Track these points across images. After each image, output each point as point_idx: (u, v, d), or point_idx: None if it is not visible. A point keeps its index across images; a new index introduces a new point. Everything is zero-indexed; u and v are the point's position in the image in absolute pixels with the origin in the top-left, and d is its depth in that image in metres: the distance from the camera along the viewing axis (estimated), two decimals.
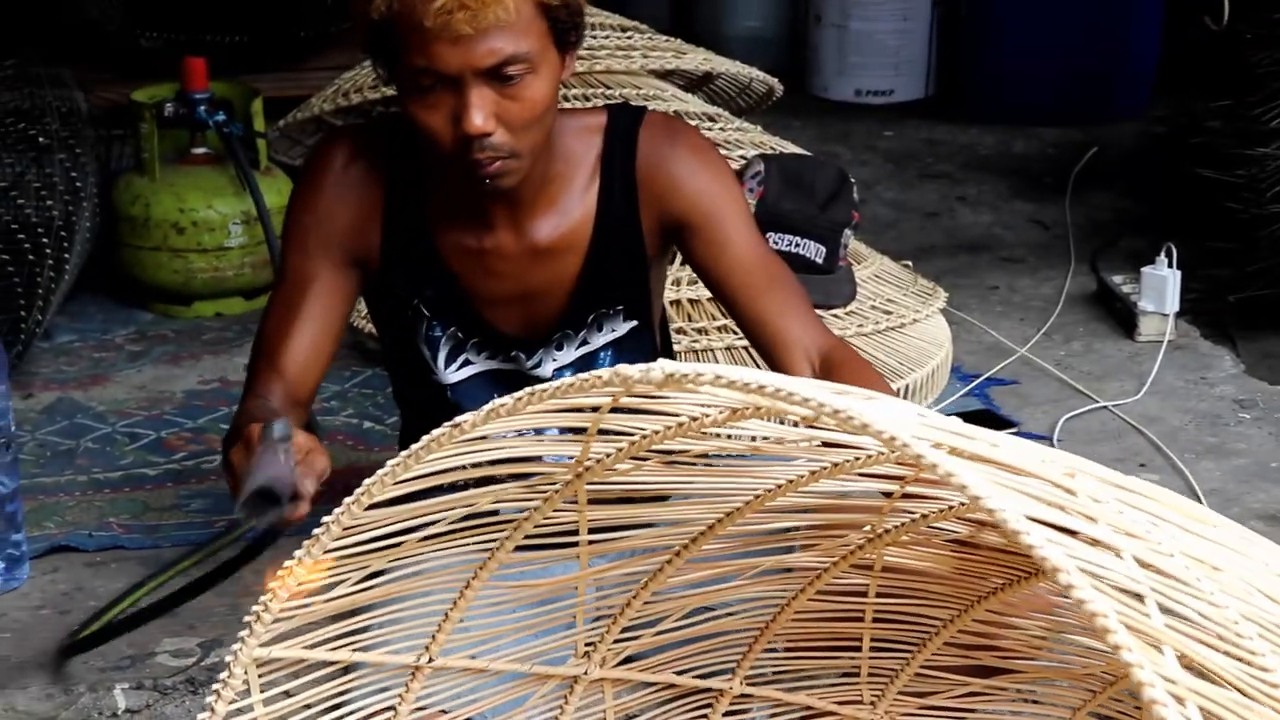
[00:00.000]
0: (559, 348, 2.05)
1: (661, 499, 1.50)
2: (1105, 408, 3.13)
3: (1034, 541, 0.94)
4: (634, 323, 2.07)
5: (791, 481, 1.40)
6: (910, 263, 3.50)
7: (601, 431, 1.31)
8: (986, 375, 3.26)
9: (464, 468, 1.32)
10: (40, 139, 3.32)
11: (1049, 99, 4.83)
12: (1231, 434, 3.05)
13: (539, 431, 1.38)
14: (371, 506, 1.31)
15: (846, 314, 3.06)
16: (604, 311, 2.05)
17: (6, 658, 2.32)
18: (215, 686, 1.39)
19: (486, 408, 1.22)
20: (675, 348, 2.39)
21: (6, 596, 2.46)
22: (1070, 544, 0.97)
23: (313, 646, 1.42)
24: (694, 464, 1.40)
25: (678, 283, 2.99)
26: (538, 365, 2.06)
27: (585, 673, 1.58)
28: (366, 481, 1.30)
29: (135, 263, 3.51)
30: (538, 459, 1.38)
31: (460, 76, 1.80)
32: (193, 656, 2.31)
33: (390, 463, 1.27)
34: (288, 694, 1.46)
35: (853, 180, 3.13)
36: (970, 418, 3.02)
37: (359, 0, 1.84)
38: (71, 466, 2.88)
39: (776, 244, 2.95)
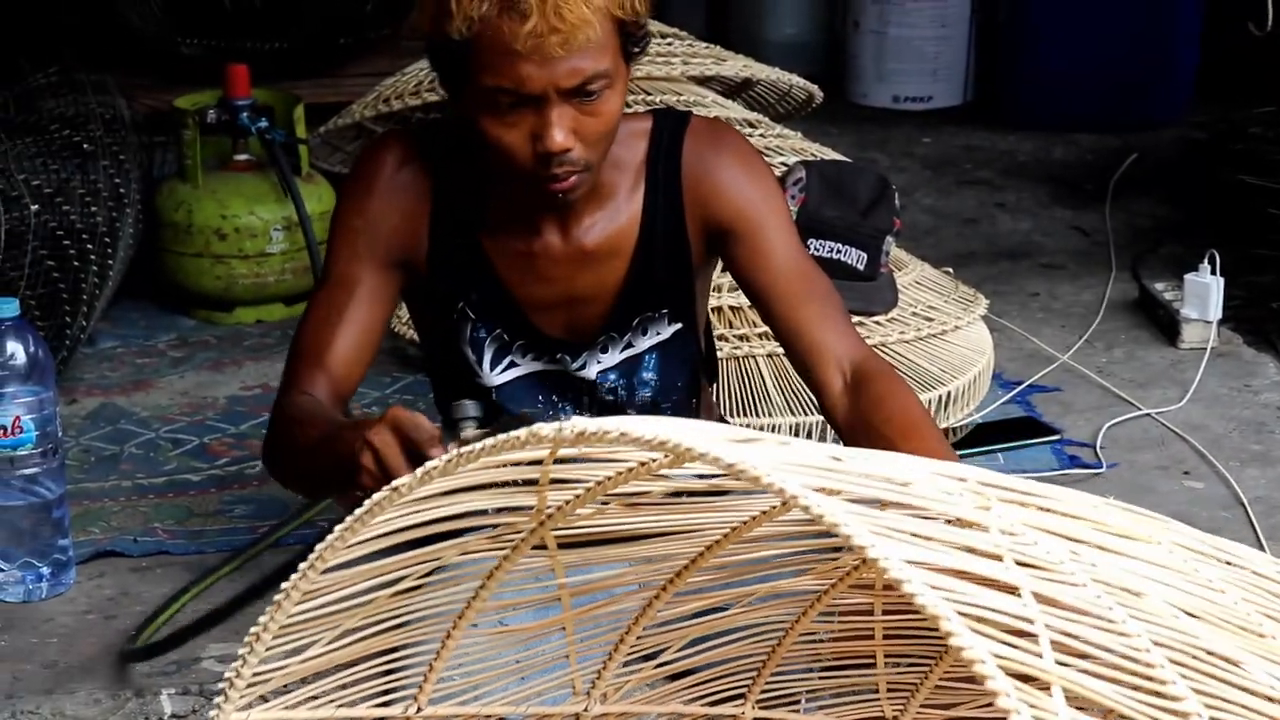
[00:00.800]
0: (604, 350, 2.06)
1: (636, 539, 1.48)
2: (1148, 415, 3.12)
3: (914, 590, 0.93)
4: (678, 325, 2.07)
5: (766, 512, 1.38)
6: (950, 270, 3.49)
7: (559, 480, 1.30)
8: (1028, 382, 3.25)
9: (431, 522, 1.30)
10: (85, 145, 3.34)
11: (1088, 105, 4.81)
12: (1276, 441, 3.03)
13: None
14: (330, 569, 1.30)
15: (888, 321, 3.05)
16: (649, 315, 2.05)
17: (55, 663, 2.33)
18: None
19: (420, 470, 1.21)
20: (718, 355, 2.39)
21: (53, 601, 2.48)
22: (955, 587, 0.96)
23: (294, 707, 1.40)
24: (661, 504, 1.38)
25: (719, 289, 2.99)
26: (582, 368, 2.06)
27: (586, 709, 1.56)
28: (319, 547, 1.28)
29: (178, 269, 3.53)
30: (483, 512, 1.35)
31: (544, 96, 1.81)
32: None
33: (338, 528, 1.26)
34: None
35: (894, 186, 3.13)
36: (1012, 425, 3.03)
37: (434, 19, 1.83)
38: (116, 472, 2.89)
39: (818, 251, 2.94)
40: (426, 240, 2.00)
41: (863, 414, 1.94)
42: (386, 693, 1.46)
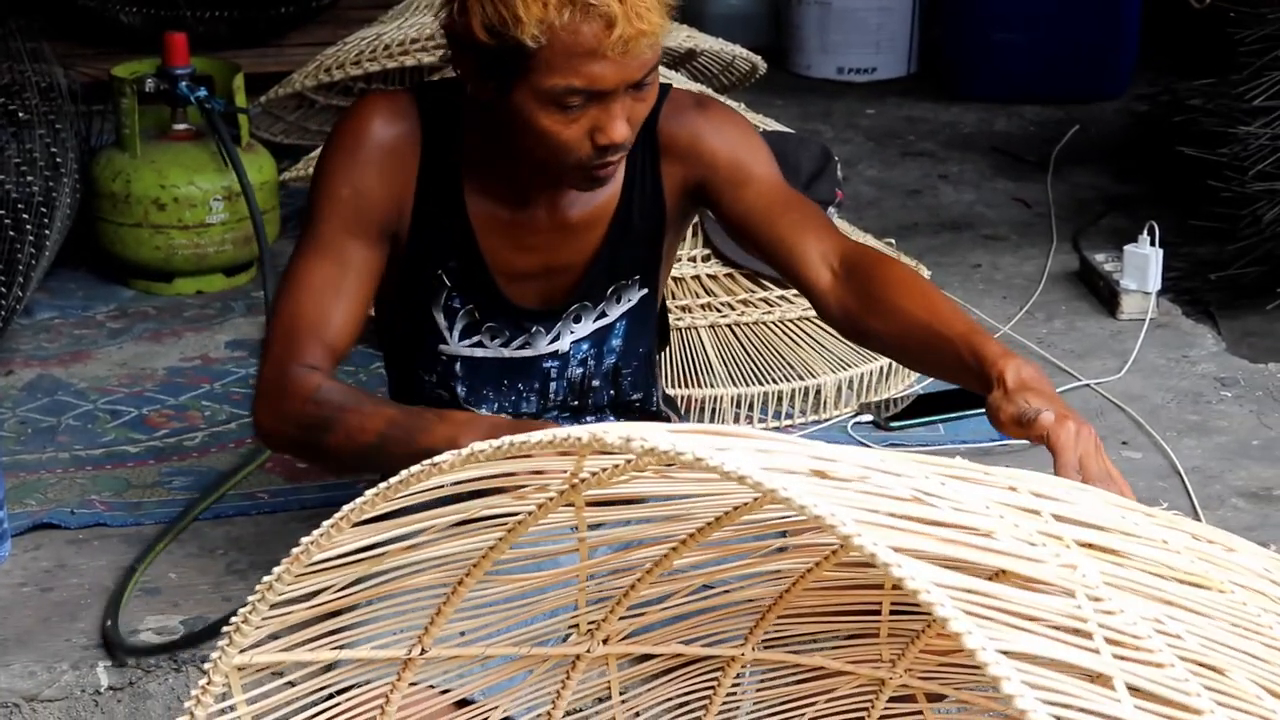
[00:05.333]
0: (577, 320, 2.07)
1: (662, 499, 1.49)
2: (1087, 386, 3.14)
3: (1014, 690, 0.92)
4: (645, 290, 2.09)
5: None
6: (893, 241, 3.50)
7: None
8: None
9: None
10: (20, 114, 3.30)
11: (1031, 77, 4.83)
12: (1213, 412, 3.06)
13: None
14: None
15: None
16: (623, 283, 2.07)
17: None
18: (194, 693, 1.38)
19: (465, 451, 1.20)
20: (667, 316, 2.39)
21: None
22: (1052, 684, 0.95)
23: (292, 648, 1.40)
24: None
25: None
26: (555, 339, 2.06)
27: (588, 650, 1.57)
28: (346, 508, 1.27)
29: (116, 239, 3.49)
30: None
31: (614, 91, 1.81)
32: (175, 634, 2.30)
33: (369, 493, 1.25)
34: (287, 679, 1.45)
35: (836, 158, 3.13)
36: (952, 396, 3.04)
37: (492, 23, 1.79)
38: (53, 444, 2.86)
39: None
40: (411, 206, 1.99)
41: (859, 291, 1.95)
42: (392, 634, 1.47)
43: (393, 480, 1.23)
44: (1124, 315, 3.40)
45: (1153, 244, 3.36)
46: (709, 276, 3.02)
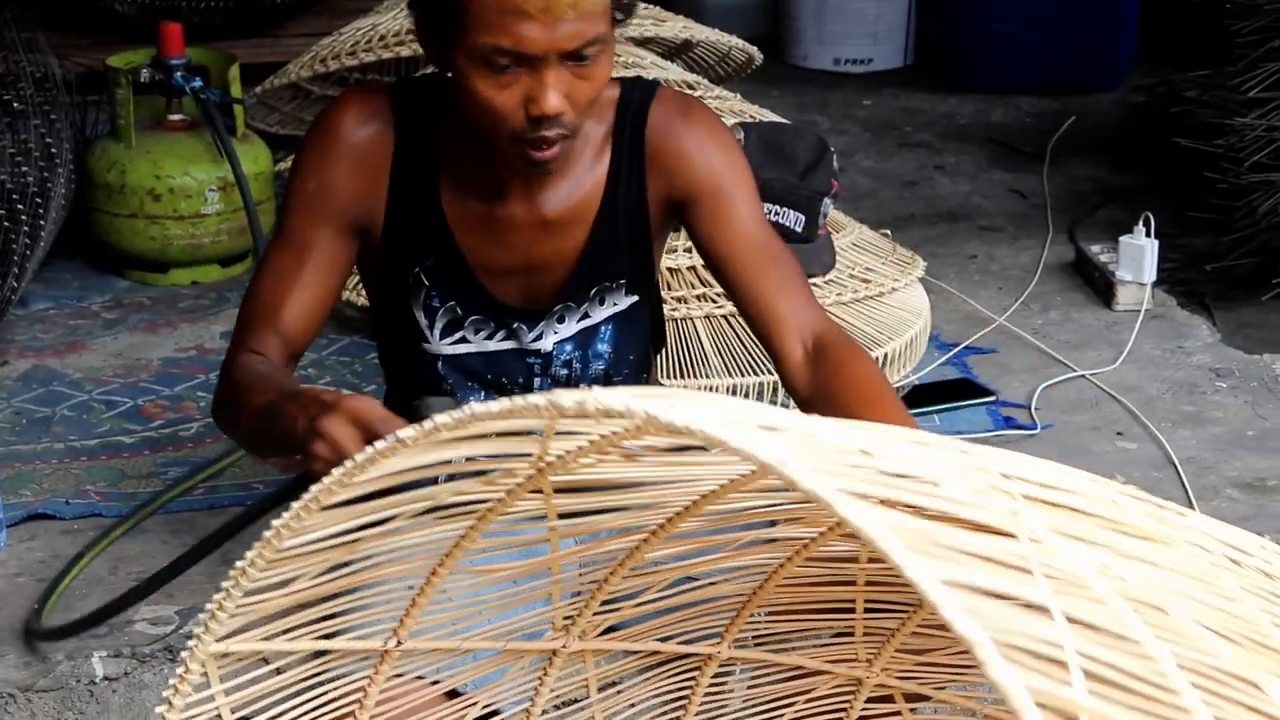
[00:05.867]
0: (560, 320, 2.05)
1: (629, 486, 1.49)
2: (1083, 376, 3.14)
3: (952, 615, 0.92)
4: (635, 298, 2.06)
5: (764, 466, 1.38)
6: (889, 232, 3.50)
7: (563, 432, 1.30)
8: (964, 344, 3.26)
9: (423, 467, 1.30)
10: (14, 104, 3.30)
11: (1027, 68, 4.83)
12: (1208, 403, 3.06)
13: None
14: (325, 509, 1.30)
15: (825, 283, 3.06)
16: (607, 285, 2.04)
17: None
18: (172, 681, 1.38)
19: (430, 425, 1.18)
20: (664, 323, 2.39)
21: None
22: (989, 612, 0.95)
23: (271, 637, 1.40)
24: (661, 455, 1.39)
25: None
26: (539, 338, 2.05)
27: (564, 646, 1.58)
28: (314, 488, 1.27)
29: (111, 230, 3.49)
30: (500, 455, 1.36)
31: (543, 58, 1.80)
32: (171, 624, 2.30)
33: (336, 471, 1.25)
34: (272, 664, 1.46)
35: (832, 149, 3.13)
36: (949, 386, 3.04)
37: None
38: (48, 434, 2.86)
39: None
40: (384, 203, 1.99)
41: (823, 382, 1.94)
42: (363, 627, 1.47)
43: (359, 458, 1.23)
44: (1119, 306, 3.40)
45: (1148, 235, 3.36)
46: (704, 267, 3.01)
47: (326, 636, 1.46)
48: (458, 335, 2.04)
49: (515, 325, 2.04)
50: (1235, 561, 1.25)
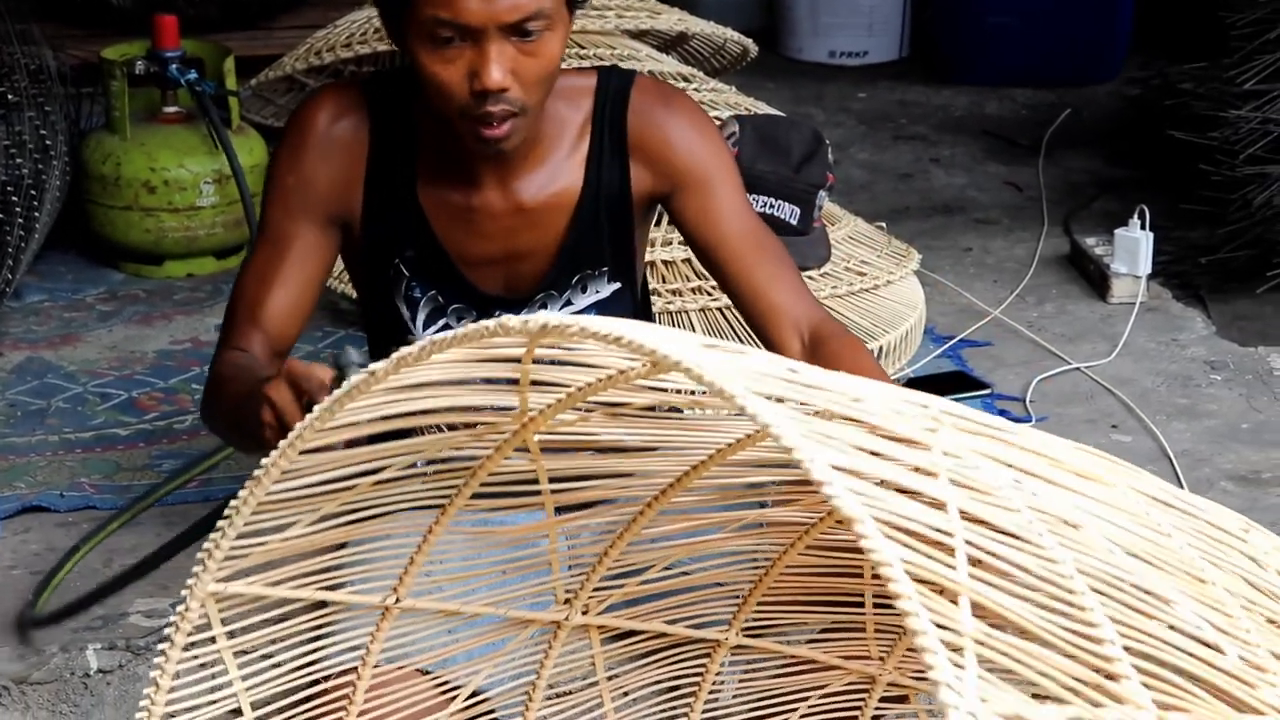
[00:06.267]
0: (543, 308, 2.05)
1: (621, 450, 1.49)
2: (1078, 369, 3.14)
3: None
4: (617, 285, 2.06)
5: (751, 436, 1.38)
6: (884, 224, 3.50)
7: (540, 383, 1.31)
8: (960, 337, 3.26)
9: (412, 414, 1.31)
10: (9, 97, 3.29)
11: (1023, 61, 4.83)
12: (1202, 395, 3.06)
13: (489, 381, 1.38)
14: (310, 450, 1.31)
15: (820, 276, 3.06)
16: (589, 273, 2.04)
17: None
18: (172, 619, 1.38)
19: (396, 355, 1.22)
20: (652, 310, 2.39)
21: None
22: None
23: (276, 584, 1.40)
24: (644, 417, 1.39)
25: (652, 244, 2.98)
26: None
27: (567, 619, 1.57)
28: (299, 426, 1.29)
29: (106, 222, 3.49)
30: (483, 408, 1.37)
31: (483, 30, 1.80)
32: (165, 616, 2.30)
33: (317, 408, 1.27)
34: (269, 616, 1.45)
35: (828, 142, 3.12)
36: (944, 379, 3.04)
37: None
38: (42, 426, 2.86)
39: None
40: (361, 195, 1.99)
41: None
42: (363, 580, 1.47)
43: (343, 389, 1.24)
44: (1114, 299, 3.41)
45: (1143, 228, 3.36)
46: (694, 257, 3.01)
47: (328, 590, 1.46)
48: (440, 324, 2.04)
49: (497, 314, 2.04)
50: (1188, 515, 1.25)
